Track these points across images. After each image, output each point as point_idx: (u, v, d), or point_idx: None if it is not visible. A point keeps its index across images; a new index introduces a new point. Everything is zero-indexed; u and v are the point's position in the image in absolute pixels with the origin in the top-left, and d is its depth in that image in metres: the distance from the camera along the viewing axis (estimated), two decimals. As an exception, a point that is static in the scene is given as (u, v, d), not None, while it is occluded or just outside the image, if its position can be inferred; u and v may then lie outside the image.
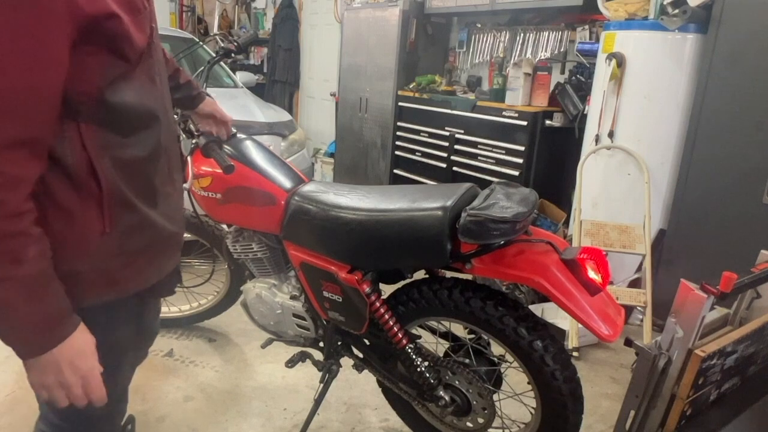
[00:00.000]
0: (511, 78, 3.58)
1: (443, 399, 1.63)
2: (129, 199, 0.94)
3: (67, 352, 0.86)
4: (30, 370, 0.87)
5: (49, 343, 0.84)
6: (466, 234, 1.37)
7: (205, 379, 2.31)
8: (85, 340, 0.89)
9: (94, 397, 0.92)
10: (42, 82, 0.77)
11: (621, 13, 2.97)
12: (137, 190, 0.95)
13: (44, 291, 0.82)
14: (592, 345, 2.73)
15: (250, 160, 1.77)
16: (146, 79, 0.95)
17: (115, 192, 0.91)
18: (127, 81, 0.90)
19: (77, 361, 0.87)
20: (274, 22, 6.62)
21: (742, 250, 1.87)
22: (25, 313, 0.81)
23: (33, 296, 0.81)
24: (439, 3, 4.30)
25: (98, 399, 0.92)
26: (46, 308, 0.83)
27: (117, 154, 0.90)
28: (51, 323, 0.84)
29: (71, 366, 0.87)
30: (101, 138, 0.88)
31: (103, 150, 0.88)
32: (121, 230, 0.93)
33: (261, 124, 3.52)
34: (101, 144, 0.88)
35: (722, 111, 2.61)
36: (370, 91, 4.83)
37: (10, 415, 1.99)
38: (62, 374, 0.86)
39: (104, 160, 0.88)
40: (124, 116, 0.91)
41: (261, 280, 1.93)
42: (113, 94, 0.87)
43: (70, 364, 0.87)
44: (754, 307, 1.56)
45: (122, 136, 0.91)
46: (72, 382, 0.88)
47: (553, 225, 3.46)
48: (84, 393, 0.90)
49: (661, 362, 1.30)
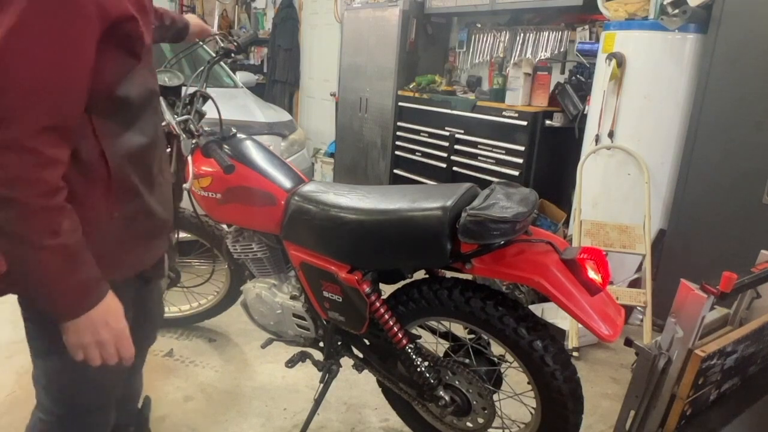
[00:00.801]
0: (511, 78, 3.58)
1: (443, 399, 1.63)
2: (134, 185, 1.03)
3: (101, 314, 0.95)
4: (68, 333, 0.95)
5: (86, 306, 0.93)
6: (466, 234, 1.37)
7: (205, 379, 2.31)
8: (116, 304, 0.99)
9: (125, 354, 1.01)
10: (73, 76, 0.86)
11: (621, 13, 2.97)
12: (140, 178, 1.04)
13: (79, 259, 0.91)
14: (592, 345, 2.73)
15: (250, 160, 1.77)
16: (146, 71, 1.04)
17: (122, 179, 0.99)
18: (133, 76, 0.99)
19: (111, 321, 0.97)
20: (274, 22, 6.62)
21: (742, 250, 1.87)
22: (63, 280, 0.89)
23: (69, 263, 0.89)
24: (439, 3, 4.30)
25: (128, 357, 1.01)
26: (81, 274, 0.92)
27: (124, 142, 0.99)
28: (86, 288, 0.93)
29: (106, 326, 0.96)
30: (109, 128, 0.96)
31: (111, 139, 0.97)
32: (126, 215, 1.02)
33: (261, 124, 3.51)
34: (110, 134, 0.96)
35: (722, 111, 2.61)
36: (370, 91, 4.83)
37: (10, 415, 1.99)
38: (98, 333, 0.95)
39: (113, 149, 0.97)
40: (129, 108, 1.00)
41: (261, 280, 1.93)
42: (121, 88, 0.96)
43: (105, 325, 0.96)
44: (754, 307, 1.56)
45: (127, 125, 1.00)
46: (106, 340, 0.97)
47: (553, 225, 3.46)
48: (115, 351, 0.99)
49: (661, 362, 1.30)
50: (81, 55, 0.86)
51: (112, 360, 1.00)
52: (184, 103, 1.70)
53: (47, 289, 0.90)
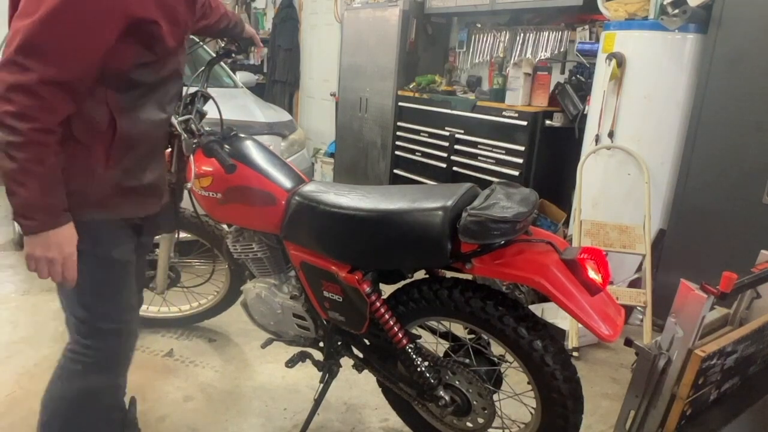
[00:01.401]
0: (511, 78, 3.58)
1: (443, 399, 1.63)
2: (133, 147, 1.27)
3: (57, 237, 1.16)
4: (28, 244, 1.16)
5: (48, 225, 1.14)
6: (466, 234, 1.37)
7: (205, 379, 2.31)
8: (72, 233, 1.19)
9: (68, 275, 1.21)
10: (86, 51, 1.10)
11: (621, 13, 2.97)
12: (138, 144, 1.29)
13: (54, 188, 1.13)
14: (592, 345, 2.73)
15: (250, 160, 1.77)
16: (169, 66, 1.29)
17: (124, 141, 1.24)
18: (150, 67, 1.23)
19: (63, 245, 1.17)
20: (274, 22, 6.62)
21: (742, 250, 1.87)
22: (36, 200, 1.11)
23: (45, 189, 1.12)
24: (439, 3, 4.30)
25: (70, 279, 1.22)
26: (52, 200, 1.14)
27: (132, 116, 1.25)
28: (53, 211, 1.15)
29: (58, 247, 1.17)
30: (122, 102, 1.22)
31: (122, 111, 1.22)
32: (122, 168, 1.26)
33: (261, 124, 3.51)
34: (121, 106, 1.22)
35: (722, 111, 2.61)
36: (370, 91, 4.83)
37: (10, 415, 1.99)
38: (49, 251, 1.16)
39: (122, 118, 1.22)
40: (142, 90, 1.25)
41: (261, 280, 1.93)
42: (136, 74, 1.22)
43: (57, 245, 1.16)
44: (754, 307, 1.56)
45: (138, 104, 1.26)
46: (55, 258, 1.17)
47: (553, 225, 3.46)
48: (61, 270, 1.19)
49: (661, 362, 1.30)
50: (96, 37, 1.09)
51: (56, 278, 1.20)
52: (185, 102, 1.70)
53: (23, 204, 1.11)
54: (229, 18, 1.87)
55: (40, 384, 1.46)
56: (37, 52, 1.06)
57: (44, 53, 1.06)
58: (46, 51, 1.06)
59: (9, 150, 1.07)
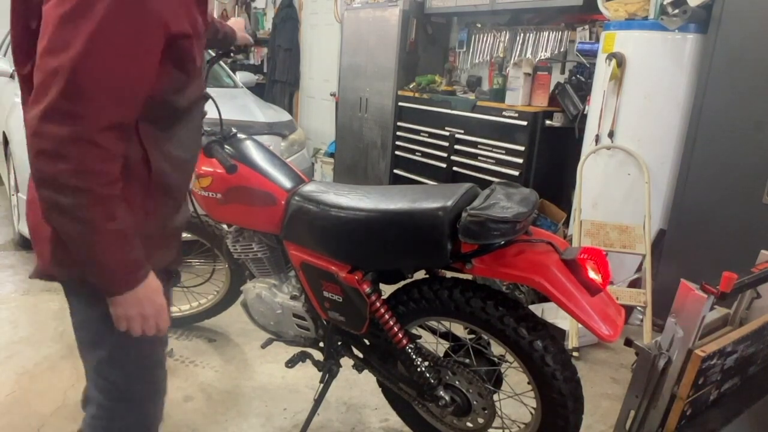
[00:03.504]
0: (511, 78, 3.59)
1: (443, 399, 1.63)
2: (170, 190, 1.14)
3: (146, 291, 1.06)
4: (115, 305, 1.06)
5: (134, 283, 1.04)
6: (466, 234, 1.37)
7: (205, 379, 2.31)
8: (157, 283, 1.10)
9: (162, 326, 1.12)
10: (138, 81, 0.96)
11: (621, 13, 2.97)
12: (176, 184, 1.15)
13: (129, 242, 1.02)
14: (592, 345, 2.73)
15: (250, 160, 1.77)
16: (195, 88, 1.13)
17: (160, 182, 1.10)
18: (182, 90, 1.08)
19: (154, 297, 1.08)
20: (274, 22, 6.62)
21: (742, 250, 1.87)
22: (116, 259, 1.01)
23: (122, 245, 1.00)
24: (439, 3, 4.30)
25: (165, 329, 1.14)
26: (131, 255, 1.03)
27: (166, 150, 1.09)
28: (135, 267, 1.04)
29: (149, 301, 1.07)
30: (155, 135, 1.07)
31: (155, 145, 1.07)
32: (160, 215, 1.14)
33: (261, 124, 3.52)
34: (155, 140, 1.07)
35: (722, 111, 2.61)
36: (370, 91, 4.83)
37: (10, 415, 1.99)
38: (143, 307, 1.07)
39: (156, 154, 1.07)
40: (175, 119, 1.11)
41: (261, 280, 1.93)
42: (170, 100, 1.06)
43: (148, 300, 1.07)
44: (754, 307, 1.56)
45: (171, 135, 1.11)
46: (149, 313, 1.08)
47: (553, 225, 3.46)
48: (155, 324, 1.10)
49: (661, 362, 1.30)
50: (148, 63, 0.96)
51: (151, 331, 1.11)
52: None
53: (102, 267, 1.01)
54: (217, 28, 1.77)
55: (40, 384, 1.45)
56: (87, 93, 0.90)
57: (94, 93, 0.90)
58: (96, 90, 0.90)
59: (75, 212, 0.94)
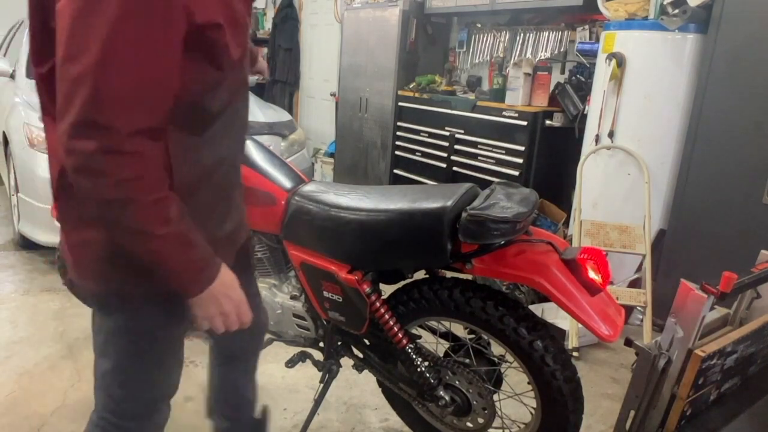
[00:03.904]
0: (511, 78, 3.58)
1: (443, 399, 1.62)
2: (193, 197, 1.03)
3: (221, 287, 1.02)
4: (195, 307, 1.03)
5: (205, 282, 1.00)
6: (466, 234, 1.37)
7: (205, 379, 2.30)
8: (231, 276, 1.06)
9: (245, 320, 1.09)
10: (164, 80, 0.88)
11: (621, 13, 2.97)
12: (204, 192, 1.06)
13: (189, 242, 0.96)
14: (592, 345, 2.73)
15: (250, 161, 1.77)
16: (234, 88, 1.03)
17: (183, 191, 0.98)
18: (215, 88, 0.98)
19: (230, 292, 1.05)
20: (274, 22, 6.62)
21: (742, 250, 1.87)
22: (181, 261, 0.96)
23: (182, 247, 0.95)
24: (439, 3, 4.30)
25: (247, 322, 1.10)
26: (196, 254, 0.98)
27: (195, 157, 1.01)
28: (202, 266, 0.99)
29: (226, 297, 1.04)
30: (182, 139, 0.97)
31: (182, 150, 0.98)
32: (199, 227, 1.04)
33: (261, 124, 3.52)
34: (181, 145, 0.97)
35: (722, 111, 2.61)
36: (370, 91, 4.83)
37: (10, 415, 1.99)
38: (221, 305, 1.03)
39: (180, 159, 0.98)
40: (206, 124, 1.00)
41: (261, 280, 1.93)
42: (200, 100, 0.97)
43: (225, 296, 1.04)
44: (754, 307, 1.56)
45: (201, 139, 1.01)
46: (228, 310, 1.05)
47: (553, 225, 3.46)
48: (237, 319, 1.07)
49: (661, 362, 1.30)
50: (170, 58, 0.87)
51: (234, 327, 1.08)
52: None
53: (170, 272, 0.97)
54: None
55: (40, 384, 1.45)
56: (108, 101, 0.83)
57: (116, 100, 0.83)
58: (118, 97, 0.84)
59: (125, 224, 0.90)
